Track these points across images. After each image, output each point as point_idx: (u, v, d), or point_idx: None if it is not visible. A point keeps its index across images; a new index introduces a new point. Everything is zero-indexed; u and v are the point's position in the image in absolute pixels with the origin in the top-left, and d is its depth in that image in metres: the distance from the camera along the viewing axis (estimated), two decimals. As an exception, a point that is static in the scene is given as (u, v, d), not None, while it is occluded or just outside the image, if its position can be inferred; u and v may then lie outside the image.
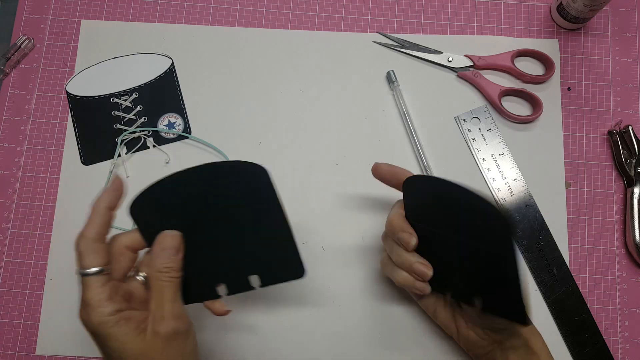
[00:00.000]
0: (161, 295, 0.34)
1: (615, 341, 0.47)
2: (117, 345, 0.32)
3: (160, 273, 0.34)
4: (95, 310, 0.32)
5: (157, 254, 0.35)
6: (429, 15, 0.55)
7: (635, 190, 0.49)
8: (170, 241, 0.35)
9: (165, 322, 0.33)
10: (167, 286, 0.34)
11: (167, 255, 0.35)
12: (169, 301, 0.34)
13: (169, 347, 0.33)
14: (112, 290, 0.33)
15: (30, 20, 0.54)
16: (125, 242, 0.36)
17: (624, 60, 0.54)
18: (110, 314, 0.32)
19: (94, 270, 0.33)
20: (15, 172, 0.51)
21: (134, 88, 0.53)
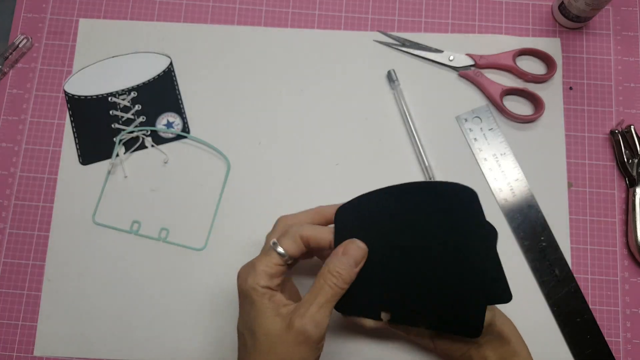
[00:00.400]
0: (316, 294, 0.34)
1: (617, 342, 0.47)
2: (253, 314, 0.34)
3: (329, 274, 0.34)
4: (254, 275, 0.34)
5: (336, 256, 0.35)
6: (430, 14, 0.54)
7: (637, 190, 0.49)
8: (355, 251, 0.35)
9: (303, 320, 0.33)
10: (327, 290, 0.34)
11: (345, 262, 0.35)
12: (318, 304, 0.33)
13: (292, 345, 0.33)
14: (277, 272, 0.35)
15: (28, 19, 0.54)
16: (308, 233, 0.36)
17: (626, 59, 0.53)
18: (262, 285, 0.34)
19: (282, 251, 0.35)
20: (13, 172, 0.51)
21: (132, 87, 0.52)
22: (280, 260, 0.35)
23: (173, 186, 0.50)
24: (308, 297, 0.34)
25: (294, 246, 0.35)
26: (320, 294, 0.34)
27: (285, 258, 0.35)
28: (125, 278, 0.48)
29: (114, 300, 0.48)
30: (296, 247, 0.36)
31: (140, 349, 0.47)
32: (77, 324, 0.47)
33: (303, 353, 0.33)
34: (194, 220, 0.49)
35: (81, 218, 0.49)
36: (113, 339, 0.47)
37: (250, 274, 0.35)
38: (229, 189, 0.50)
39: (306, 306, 0.33)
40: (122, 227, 0.49)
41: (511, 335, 0.39)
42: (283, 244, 0.35)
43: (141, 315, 0.47)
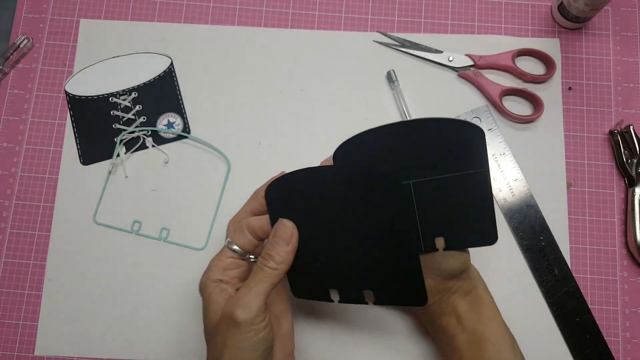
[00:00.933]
0: (250, 280, 0.34)
1: (616, 342, 0.47)
2: (204, 310, 0.35)
3: (262, 258, 0.35)
4: (207, 273, 0.36)
5: (269, 240, 0.36)
6: (430, 15, 0.55)
7: (636, 190, 0.49)
8: (282, 231, 0.35)
9: (230, 305, 0.33)
10: (257, 272, 0.34)
11: (275, 243, 0.35)
12: (248, 287, 0.34)
13: (224, 329, 0.33)
14: (230, 265, 0.36)
15: (29, 19, 0.54)
16: (254, 224, 0.37)
17: (625, 59, 0.54)
18: (213, 280, 0.35)
19: (230, 245, 0.36)
20: (14, 172, 0.51)
21: (133, 88, 0.52)
22: (232, 253, 0.36)
23: (174, 186, 0.50)
24: (247, 286, 0.34)
25: (244, 238, 0.36)
26: (252, 278, 0.34)
27: (239, 252, 0.36)
28: (125, 278, 0.48)
29: (115, 300, 0.48)
30: (245, 239, 0.36)
31: (140, 349, 0.47)
32: (77, 323, 0.47)
33: (233, 337, 0.32)
34: (194, 220, 0.49)
35: (82, 218, 0.50)
36: (113, 339, 0.47)
37: (203, 276, 0.36)
38: (229, 188, 0.50)
39: (237, 292, 0.34)
40: (122, 227, 0.49)
41: (477, 282, 0.40)
42: (234, 239, 0.36)
43: (141, 315, 0.47)
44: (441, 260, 0.38)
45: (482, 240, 0.37)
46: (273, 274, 0.34)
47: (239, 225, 0.37)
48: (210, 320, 0.34)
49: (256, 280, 0.34)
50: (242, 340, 0.32)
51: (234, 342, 0.32)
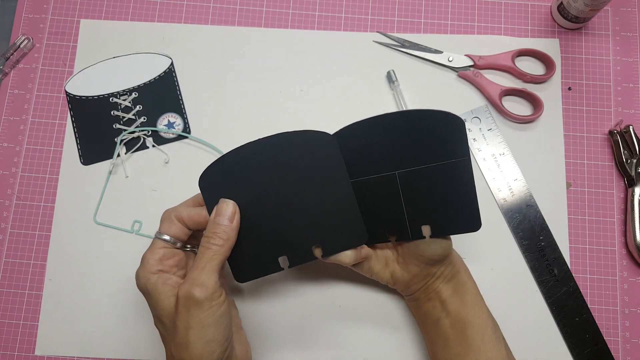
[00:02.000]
0: (197, 261, 0.35)
1: (616, 341, 0.47)
2: (154, 303, 0.35)
3: (206, 238, 0.35)
4: (144, 267, 0.36)
5: (210, 220, 0.36)
6: (430, 15, 0.55)
7: (635, 190, 0.49)
8: (225, 208, 0.36)
9: (185, 286, 0.34)
10: (204, 252, 0.35)
11: (219, 221, 0.36)
12: (198, 268, 0.34)
13: (187, 312, 0.33)
14: (166, 255, 0.36)
15: (30, 19, 0.54)
16: (191, 214, 0.38)
17: (625, 60, 0.54)
18: (154, 272, 0.35)
19: (161, 236, 0.37)
20: (15, 172, 0.51)
21: (133, 88, 0.52)
22: (163, 243, 0.37)
23: (174, 186, 0.50)
24: (198, 266, 0.35)
25: (173, 227, 0.37)
26: (200, 258, 0.35)
27: (170, 240, 0.37)
28: (126, 278, 0.48)
29: (115, 300, 0.48)
30: (175, 228, 0.37)
31: (140, 349, 0.47)
32: (77, 323, 0.47)
33: (196, 316, 0.33)
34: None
35: (82, 218, 0.50)
36: (113, 338, 0.47)
37: (140, 269, 0.36)
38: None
39: (190, 274, 0.34)
40: (123, 226, 0.50)
41: (460, 267, 0.41)
42: (162, 228, 0.37)
43: (141, 315, 0.47)
44: (424, 247, 0.39)
45: (466, 228, 0.38)
46: (220, 251, 0.35)
47: (167, 216, 0.38)
48: (164, 309, 0.34)
49: (206, 259, 0.35)
50: (205, 317, 0.33)
51: (199, 320, 0.33)
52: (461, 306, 0.40)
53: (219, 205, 0.37)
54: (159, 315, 0.35)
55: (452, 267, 0.41)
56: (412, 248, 0.40)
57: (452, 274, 0.41)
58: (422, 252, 0.39)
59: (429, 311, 0.41)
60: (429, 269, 0.40)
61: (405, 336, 0.47)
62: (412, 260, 0.40)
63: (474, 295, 0.41)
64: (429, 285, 0.41)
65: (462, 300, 0.40)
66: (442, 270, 0.41)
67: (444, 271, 0.41)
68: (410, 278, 0.41)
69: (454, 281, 0.41)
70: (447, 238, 0.40)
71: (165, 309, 0.34)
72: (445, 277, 0.41)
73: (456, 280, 0.41)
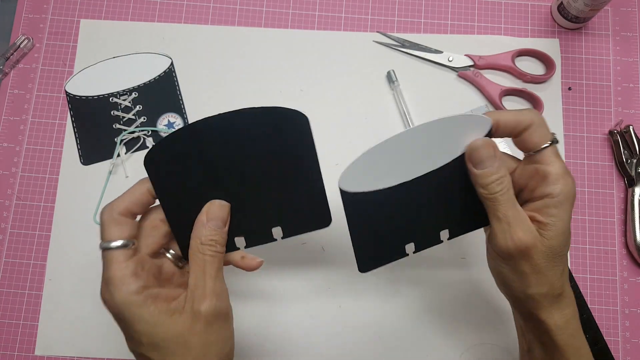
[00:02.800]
0: (203, 270, 0.31)
1: (616, 341, 0.47)
2: (146, 329, 0.29)
3: (204, 246, 0.31)
4: (119, 288, 0.29)
5: (202, 224, 0.32)
6: (430, 15, 0.55)
7: (636, 190, 0.49)
8: (219, 211, 0.33)
9: (207, 300, 0.30)
10: (210, 261, 0.31)
11: (214, 227, 0.32)
12: (211, 277, 0.31)
13: (209, 328, 0.30)
14: (137, 265, 0.30)
15: (30, 19, 0.54)
16: (161, 215, 0.33)
17: (625, 60, 0.54)
18: (135, 292, 0.29)
19: (118, 244, 0.30)
20: (15, 172, 0.51)
21: (133, 88, 0.52)
22: (125, 253, 0.30)
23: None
24: (197, 277, 0.31)
25: (124, 227, 0.31)
26: (207, 267, 0.31)
27: (129, 245, 0.30)
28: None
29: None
30: (127, 227, 0.31)
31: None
32: (77, 323, 0.47)
33: (222, 330, 0.31)
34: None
35: (82, 218, 0.50)
36: (113, 339, 0.47)
37: (113, 292, 0.29)
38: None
39: (201, 287, 0.31)
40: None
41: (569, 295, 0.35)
42: (111, 234, 0.30)
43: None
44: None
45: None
46: (221, 257, 0.32)
47: (109, 217, 0.31)
48: (166, 332, 0.29)
49: (213, 268, 0.31)
50: (227, 328, 0.31)
51: (223, 334, 0.31)
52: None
53: (212, 207, 0.33)
54: (154, 341, 0.29)
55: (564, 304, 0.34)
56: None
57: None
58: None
59: None
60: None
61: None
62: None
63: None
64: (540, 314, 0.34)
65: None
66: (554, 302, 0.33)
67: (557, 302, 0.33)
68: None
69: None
70: (564, 271, 0.33)
71: (170, 332, 0.29)
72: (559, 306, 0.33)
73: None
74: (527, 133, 0.33)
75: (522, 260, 0.32)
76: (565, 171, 0.32)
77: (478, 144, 0.33)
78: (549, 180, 0.32)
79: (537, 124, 0.33)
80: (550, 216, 0.32)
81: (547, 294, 0.32)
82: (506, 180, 0.32)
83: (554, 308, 0.33)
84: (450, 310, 0.47)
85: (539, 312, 0.33)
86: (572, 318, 0.33)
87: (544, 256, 0.32)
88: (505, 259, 0.33)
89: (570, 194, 0.32)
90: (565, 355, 0.33)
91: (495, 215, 0.33)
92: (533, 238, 0.31)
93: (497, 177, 0.32)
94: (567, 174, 0.32)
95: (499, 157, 0.32)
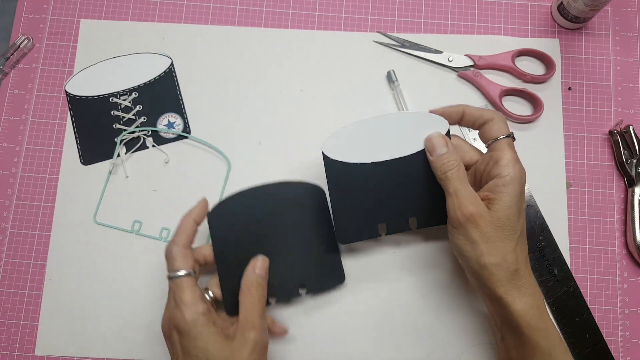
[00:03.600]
0: (254, 307, 0.38)
1: (616, 341, 0.47)
2: (204, 345, 0.35)
3: (253, 287, 0.39)
4: (191, 308, 0.36)
5: (251, 272, 0.40)
6: (430, 15, 0.55)
7: (635, 190, 0.49)
8: (263, 263, 0.40)
9: (255, 330, 0.36)
10: (257, 300, 0.38)
11: (259, 276, 0.40)
12: (260, 314, 0.38)
13: (252, 355, 0.36)
14: (200, 292, 0.38)
15: (30, 19, 0.54)
16: (204, 251, 0.41)
17: (625, 60, 0.54)
18: (202, 313, 0.36)
19: (184, 272, 0.38)
20: (15, 172, 0.51)
21: (133, 88, 0.52)
22: (192, 280, 0.38)
23: (174, 186, 0.50)
24: (247, 311, 0.37)
25: (190, 261, 0.39)
26: (257, 305, 0.38)
27: (194, 275, 0.38)
28: (125, 278, 0.48)
29: (115, 300, 0.48)
30: (190, 261, 0.39)
31: (140, 349, 0.47)
32: (77, 323, 0.47)
33: (262, 358, 0.37)
34: (194, 220, 0.50)
35: (82, 218, 0.50)
36: (113, 338, 0.47)
37: (185, 311, 0.36)
38: (229, 188, 0.50)
39: (251, 320, 0.37)
40: (123, 227, 0.50)
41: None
42: (181, 264, 0.38)
43: (141, 314, 0.47)
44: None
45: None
46: (264, 299, 0.40)
47: (178, 251, 0.39)
48: (214, 351, 0.35)
49: (260, 307, 0.38)
50: (265, 358, 0.38)
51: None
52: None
53: (257, 261, 0.40)
54: (209, 357, 0.35)
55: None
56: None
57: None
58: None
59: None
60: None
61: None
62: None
63: None
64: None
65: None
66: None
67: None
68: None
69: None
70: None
71: (223, 351, 0.35)
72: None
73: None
74: (487, 125, 0.40)
75: (471, 228, 0.36)
76: (515, 159, 0.38)
77: (432, 135, 0.40)
78: (500, 164, 0.38)
79: (497, 120, 0.40)
80: (498, 192, 0.37)
81: (499, 265, 0.36)
82: (456, 163, 0.38)
83: (512, 286, 0.36)
84: (450, 311, 0.47)
85: (496, 288, 0.36)
86: (534, 304, 0.36)
87: (491, 225, 0.36)
88: (458, 227, 0.37)
89: (516, 177, 0.37)
90: (532, 337, 0.36)
91: (448, 192, 0.38)
92: (479, 208, 0.36)
93: (447, 160, 0.38)
94: (517, 162, 0.38)
95: (449, 145, 0.39)
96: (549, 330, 0.36)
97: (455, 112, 0.41)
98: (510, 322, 0.37)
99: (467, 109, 0.41)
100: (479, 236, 0.36)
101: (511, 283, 0.36)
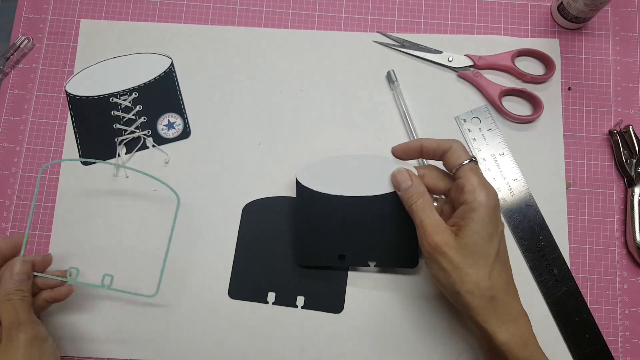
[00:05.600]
0: (15, 310, 0.38)
1: (616, 341, 0.47)
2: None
3: (11, 294, 0.39)
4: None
5: (6, 278, 0.39)
6: (429, 15, 0.55)
7: (635, 190, 0.49)
8: (21, 267, 0.40)
9: (24, 326, 0.37)
10: (21, 302, 0.39)
11: (19, 280, 0.39)
12: (25, 311, 0.38)
13: (29, 350, 0.37)
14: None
15: (30, 20, 0.54)
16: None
17: (625, 60, 0.54)
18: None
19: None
20: (15, 172, 0.51)
21: (133, 88, 0.52)
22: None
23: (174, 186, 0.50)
24: (10, 313, 0.38)
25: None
26: (19, 306, 0.39)
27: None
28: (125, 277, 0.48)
29: (115, 300, 0.48)
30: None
31: (140, 348, 0.47)
32: (77, 323, 0.48)
33: (39, 350, 0.38)
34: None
35: (82, 218, 0.50)
36: (113, 338, 0.47)
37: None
38: (230, 188, 0.50)
39: (15, 320, 0.38)
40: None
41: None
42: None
43: (141, 314, 0.48)
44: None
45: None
46: (29, 301, 0.40)
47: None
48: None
49: (25, 305, 0.39)
50: (46, 349, 0.39)
51: (43, 354, 0.38)
52: None
53: (14, 264, 0.40)
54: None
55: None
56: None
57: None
58: None
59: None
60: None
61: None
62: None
63: None
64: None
65: None
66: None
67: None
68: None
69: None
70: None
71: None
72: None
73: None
74: (447, 155, 0.40)
75: (439, 257, 0.37)
76: (480, 183, 0.38)
77: (395, 171, 0.42)
78: (465, 190, 0.38)
79: (455, 148, 0.39)
80: (465, 219, 0.37)
81: (472, 292, 0.36)
82: (419, 195, 0.40)
83: (491, 314, 0.36)
84: (449, 312, 0.47)
85: (474, 316, 0.36)
86: (516, 332, 0.36)
87: (458, 253, 0.36)
88: (429, 257, 0.38)
89: (482, 202, 0.37)
90: None
91: (415, 224, 0.39)
92: (445, 237, 0.37)
93: (412, 193, 0.40)
94: (483, 186, 0.37)
95: (412, 179, 0.41)
96: (533, 357, 0.36)
97: (415, 147, 0.41)
98: (496, 351, 0.37)
99: (424, 142, 0.41)
100: (447, 264, 0.36)
101: (489, 311, 0.36)
